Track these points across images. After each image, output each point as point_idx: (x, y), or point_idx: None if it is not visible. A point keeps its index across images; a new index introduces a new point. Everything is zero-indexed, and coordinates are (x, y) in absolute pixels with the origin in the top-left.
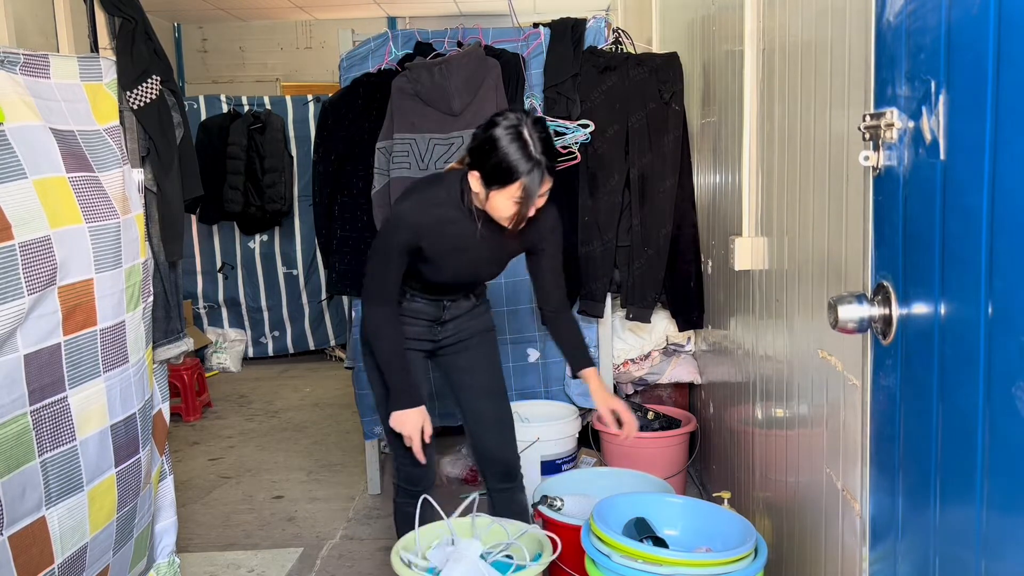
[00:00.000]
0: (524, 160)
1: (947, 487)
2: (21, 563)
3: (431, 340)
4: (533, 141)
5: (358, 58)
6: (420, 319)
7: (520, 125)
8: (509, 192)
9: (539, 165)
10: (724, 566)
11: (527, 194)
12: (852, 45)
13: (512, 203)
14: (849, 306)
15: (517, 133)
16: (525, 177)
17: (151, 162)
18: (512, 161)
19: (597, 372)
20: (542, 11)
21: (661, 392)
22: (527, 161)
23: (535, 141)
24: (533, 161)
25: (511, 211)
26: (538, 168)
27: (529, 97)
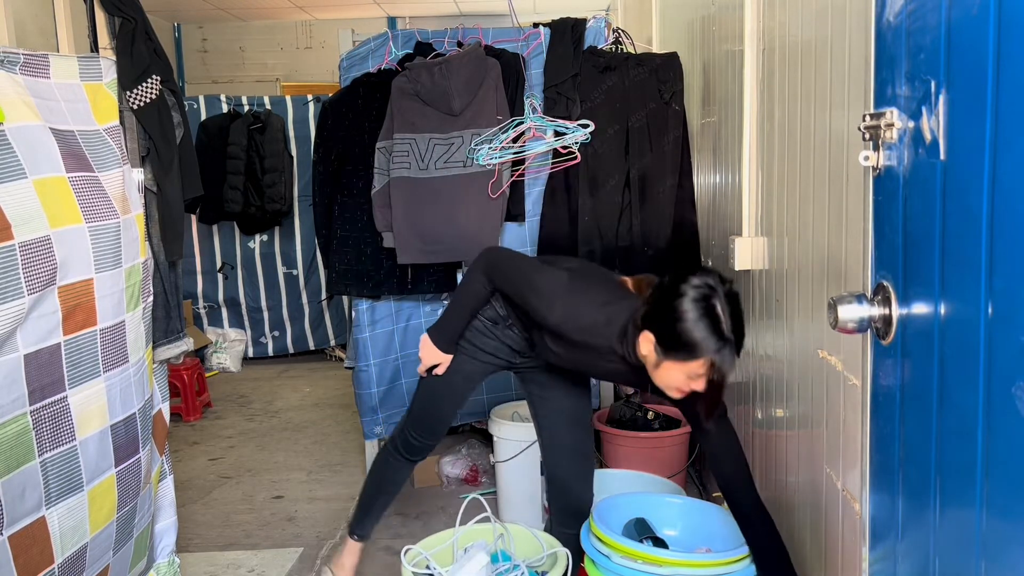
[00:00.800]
0: (714, 338)
1: (947, 487)
2: (21, 563)
3: (508, 362)
4: (725, 316)
5: (358, 58)
6: (505, 344)
7: (712, 296)
8: (689, 368)
9: (730, 344)
10: (724, 566)
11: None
12: (852, 45)
13: (687, 378)
14: (849, 306)
15: (709, 307)
16: (714, 355)
17: (151, 162)
18: (700, 337)
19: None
20: (542, 11)
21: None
22: (718, 340)
23: (726, 316)
24: (725, 340)
25: (684, 385)
26: (729, 348)
27: (529, 97)
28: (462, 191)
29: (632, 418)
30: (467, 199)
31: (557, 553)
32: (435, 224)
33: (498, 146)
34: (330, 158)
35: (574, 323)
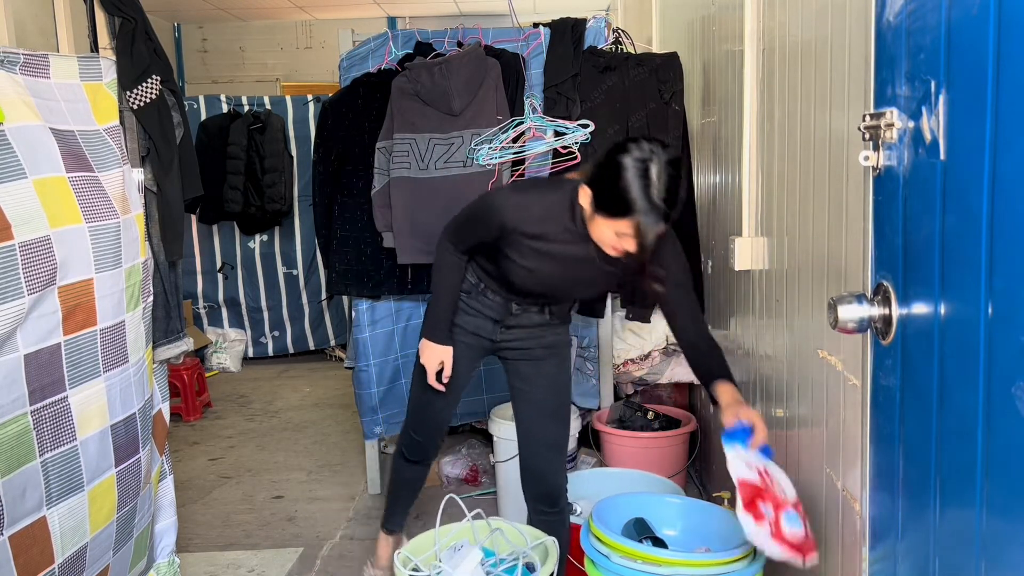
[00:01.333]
0: (643, 199)
1: (947, 487)
2: (21, 563)
3: (491, 339)
4: (659, 182)
5: (358, 58)
6: (484, 315)
7: (651, 160)
8: (616, 225)
9: (656, 209)
10: (724, 566)
11: (638, 234)
12: (852, 45)
13: (615, 235)
14: (849, 306)
15: (644, 169)
16: (639, 216)
17: (151, 162)
18: (630, 196)
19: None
20: (542, 11)
21: (661, 392)
22: (647, 202)
23: (661, 183)
24: (651, 204)
25: (613, 242)
26: (655, 212)
27: (529, 97)
28: (462, 191)
29: (632, 418)
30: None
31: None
32: (435, 224)
33: (498, 146)
34: (330, 158)
35: (527, 215)
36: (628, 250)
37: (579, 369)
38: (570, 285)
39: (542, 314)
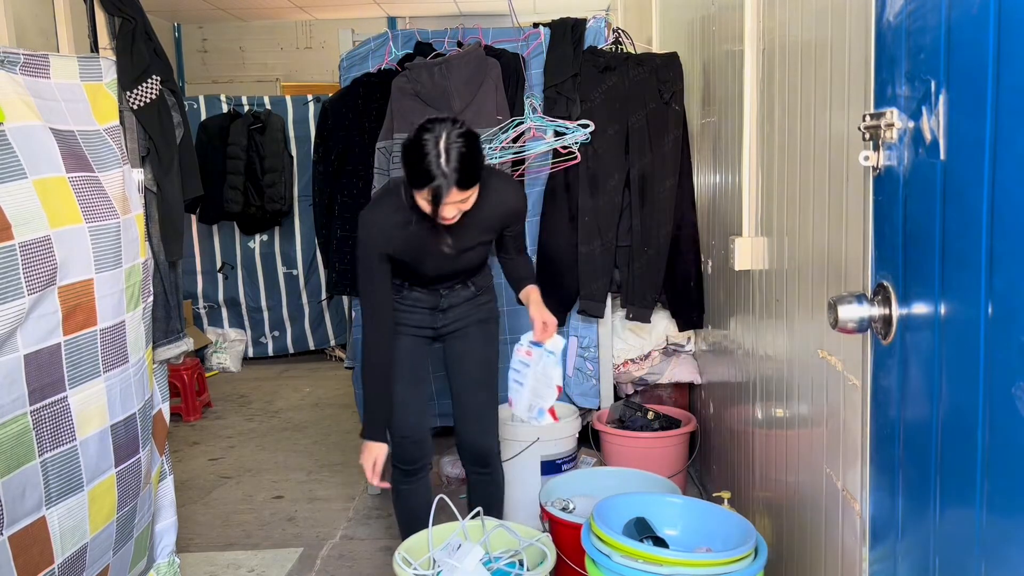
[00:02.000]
0: (435, 169)
1: (947, 487)
2: (21, 563)
3: (432, 327)
4: (448, 154)
5: (358, 58)
6: (419, 307)
7: (440, 137)
8: (422, 195)
9: (446, 177)
10: (724, 566)
11: (435, 200)
12: (852, 45)
13: (427, 204)
14: (849, 306)
15: (435, 143)
16: (432, 184)
17: (151, 162)
18: (423, 168)
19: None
20: (542, 11)
21: (661, 392)
22: (437, 171)
23: (450, 154)
24: (440, 173)
25: (428, 210)
26: (445, 180)
27: (529, 97)
28: None
29: (632, 418)
30: None
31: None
32: None
33: (498, 146)
34: (330, 158)
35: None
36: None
37: (579, 369)
38: (457, 258)
39: (467, 288)
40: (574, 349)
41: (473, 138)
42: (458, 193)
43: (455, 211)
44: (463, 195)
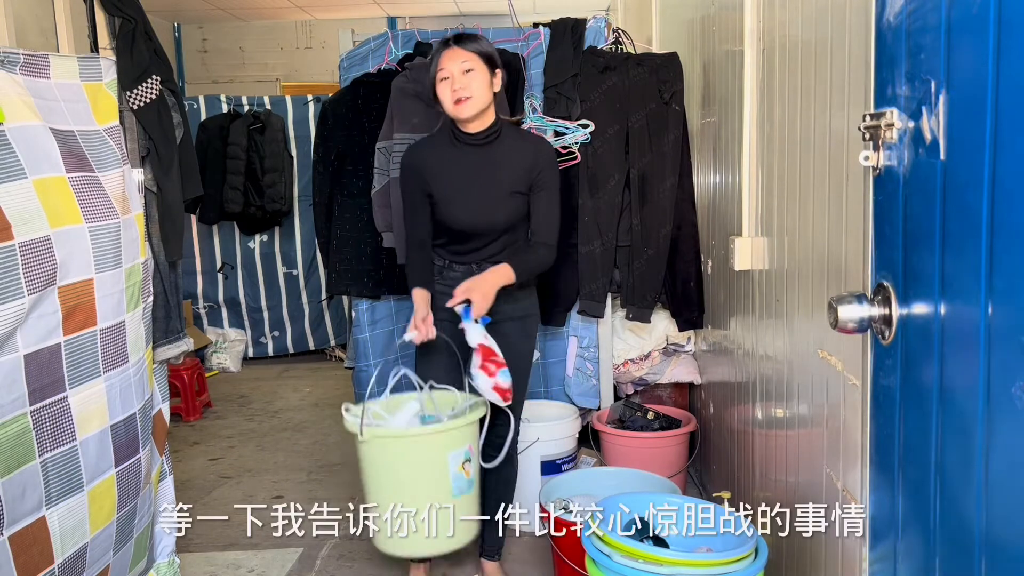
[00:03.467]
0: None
1: (947, 487)
2: (21, 563)
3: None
4: (451, 40)
5: (358, 58)
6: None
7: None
8: (438, 79)
9: (446, 43)
10: (724, 566)
11: (441, 65)
12: (852, 45)
13: (441, 84)
14: (849, 306)
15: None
16: (437, 54)
17: (151, 162)
18: (432, 53)
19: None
20: (542, 11)
21: (661, 392)
22: (440, 44)
23: (452, 38)
24: (442, 42)
25: (446, 93)
26: (444, 45)
27: (529, 97)
28: None
29: (632, 418)
30: None
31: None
32: None
33: None
34: (330, 158)
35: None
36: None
37: (579, 369)
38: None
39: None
40: (574, 349)
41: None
42: (456, 51)
43: (460, 77)
44: (463, 55)
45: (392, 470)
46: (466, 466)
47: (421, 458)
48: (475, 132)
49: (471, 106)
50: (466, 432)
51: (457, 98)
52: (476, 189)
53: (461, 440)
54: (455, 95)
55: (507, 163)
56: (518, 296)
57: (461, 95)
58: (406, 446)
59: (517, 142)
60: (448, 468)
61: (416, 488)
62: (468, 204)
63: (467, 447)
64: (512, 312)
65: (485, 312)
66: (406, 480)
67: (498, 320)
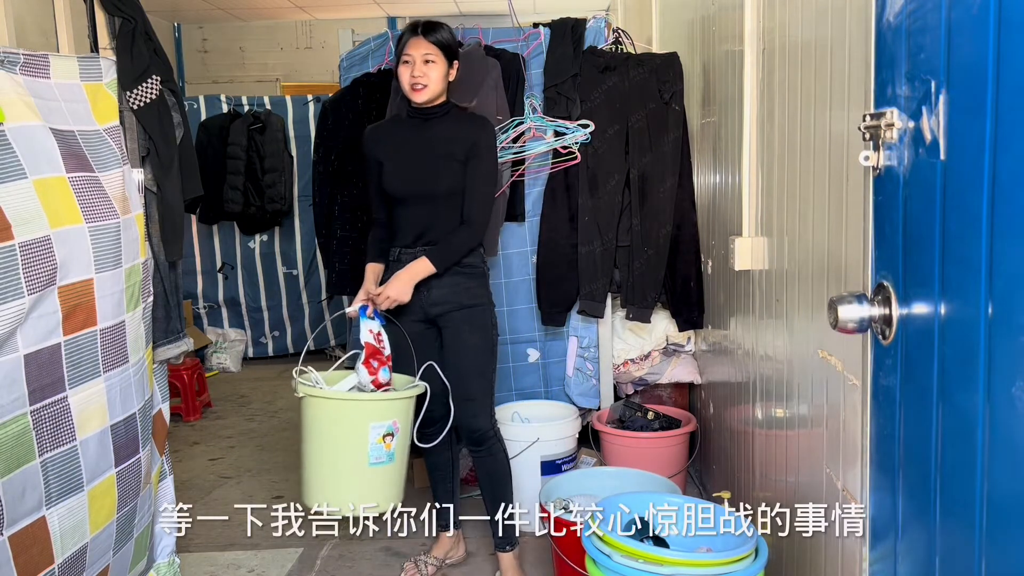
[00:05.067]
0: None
1: (947, 487)
2: (21, 563)
3: (423, 309)
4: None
5: (358, 58)
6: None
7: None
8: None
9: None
10: (724, 566)
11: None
12: (852, 45)
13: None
14: (849, 306)
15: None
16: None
17: (151, 162)
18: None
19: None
20: (542, 11)
21: (661, 392)
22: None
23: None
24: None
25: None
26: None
27: (529, 97)
28: None
29: (632, 418)
30: None
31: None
32: None
33: (498, 146)
34: (330, 158)
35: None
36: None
37: (579, 369)
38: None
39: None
40: (574, 349)
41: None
42: (421, 41)
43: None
44: (426, 47)
45: (319, 429)
46: (388, 440)
47: (343, 422)
48: (422, 106)
49: (425, 93)
50: (392, 407)
51: (414, 83)
52: (413, 155)
53: (385, 413)
54: (413, 80)
55: (446, 133)
56: (466, 284)
57: (419, 82)
58: (332, 408)
59: (461, 120)
60: (367, 436)
61: (336, 449)
62: (404, 168)
63: (391, 422)
64: (458, 300)
65: (392, 306)
66: (327, 440)
67: (448, 311)
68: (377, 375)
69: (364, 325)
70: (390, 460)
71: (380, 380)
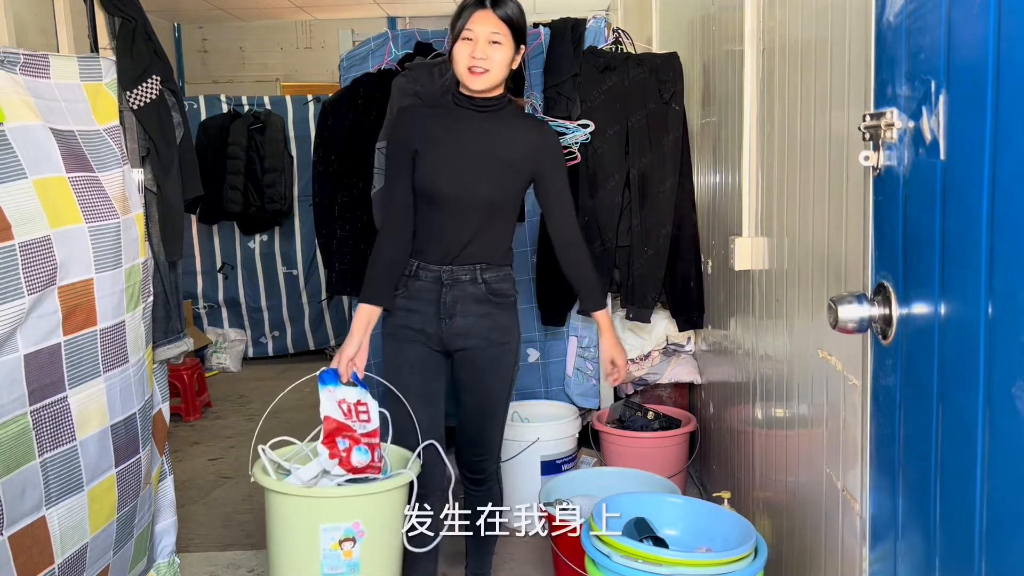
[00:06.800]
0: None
1: (947, 487)
2: (21, 563)
3: (439, 337)
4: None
5: (358, 58)
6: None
7: None
8: (461, 36)
9: (481, 2)
10: (724, 566)
11: (469, 25)
12: (852, 45)
13: (461, 43)
14: (849, 306)
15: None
16: (466, 11)
17: (151, 162)
18: (462, 5)
19: (608, 315)
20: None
21: (661, 392)
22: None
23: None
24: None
25: (464, 56)
26: (479, 4)
27: (529, 97)
28: None
29: (632, 418)
30: None
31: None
32: None
33: None
34: (330, 158)
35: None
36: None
37: (579, 369)
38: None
39: (476, 284)
40: (574, 349)
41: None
42: (490, 15)
43: (484, 46)
44: (495, 24)
45: (269, 525)
46: (345, 546)
47: (291, 519)
48: (477, 94)
49: (486, 80)
50: (348, 505)
51: (473, 66)
52: (465, 154)
53: (338, 513)
54: (473, 62)
55: (506, 134)
56: (496, 317)
57: (480, 66)
58: (276, 501)
59: (521, 119)
60: (318, 541)
61: (284, 553)
62: (453, 168)
63: (351, 524)
64: (486, 335)
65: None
66: (276, 540)
67: (471, 346)
68: (349, 456)
69: (329, 394)
70: (352, 571)
71: (354, 464)
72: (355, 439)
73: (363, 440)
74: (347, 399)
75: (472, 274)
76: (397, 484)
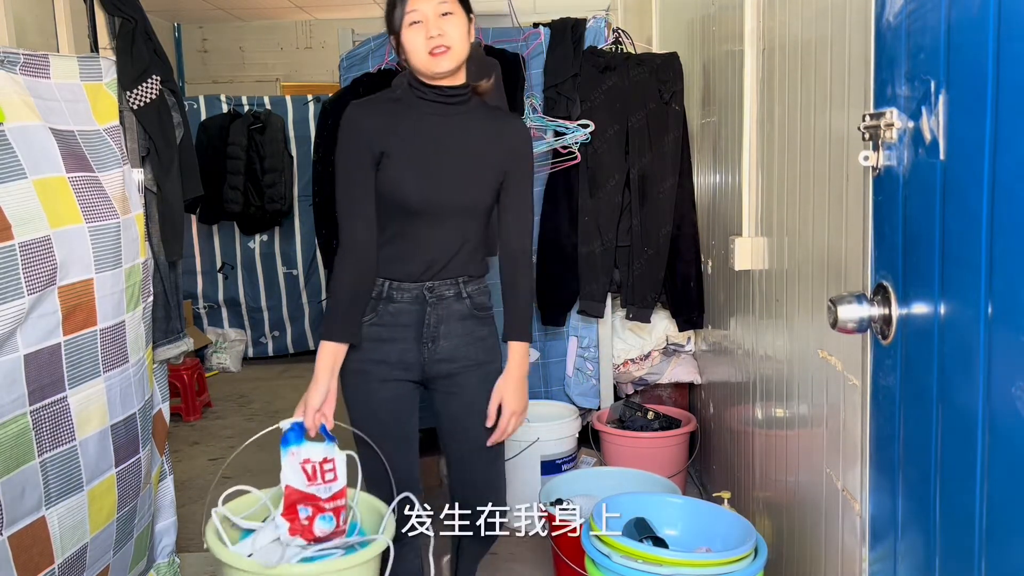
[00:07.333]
0: None
1: (947, 487)
2: (21, 563)
3: (419, 366)
4: None
5: (358, 58)
6: (402, 328)
7: None
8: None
9: None
10: (724, 566)
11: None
12: (852, 45)
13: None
14: (849, 306)
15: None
16: None
17: (151, 162)
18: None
19: (525, 353)
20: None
21: (661, 392)
22: None
23: None
24: None
25: (419, 41)
26: None
27: (529, 97)
28: None
29: (632, 418)
30: None
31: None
32: None
33: None
34: (330, 158)
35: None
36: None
37: (579, 369)
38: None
39: (460, 299)
40: (574, 349)
41: None
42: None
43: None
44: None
45: None
46: None
47: None
48: (445, 86)
49: (451, 58)
50: None
51: (434, 47)
52: (438, 153)
53: None
54: (431, 43)
55: (477, 128)
56: (480, 334)
57: (440, 43)
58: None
59: (489, 110)
60: None
61: None
62: (427, 170)
63: None
64: (473, 356)
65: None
66: None
67: (456, 370)
68: (311, 525)
69: (292, 457)
70: None
71: (317, 534)
72: (319, 507)
73: (327, 506)
74: (312, 458)
75: (456, 288)
76: (365, 559)
